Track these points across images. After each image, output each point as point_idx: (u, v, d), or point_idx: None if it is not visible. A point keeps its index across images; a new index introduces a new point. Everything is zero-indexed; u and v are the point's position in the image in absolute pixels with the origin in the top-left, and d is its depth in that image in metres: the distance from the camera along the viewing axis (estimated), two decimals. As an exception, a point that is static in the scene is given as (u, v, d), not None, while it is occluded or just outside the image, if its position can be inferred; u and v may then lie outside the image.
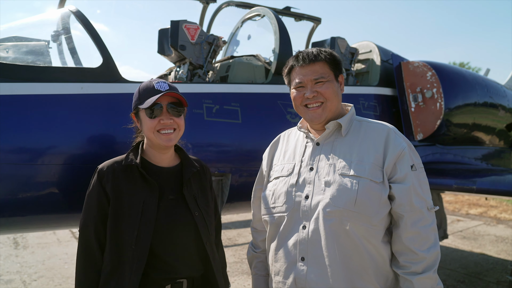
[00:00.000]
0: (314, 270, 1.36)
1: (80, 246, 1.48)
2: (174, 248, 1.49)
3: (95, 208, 1.47)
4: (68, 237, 6.27)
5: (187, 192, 1.55)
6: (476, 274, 4.73)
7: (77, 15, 2.37)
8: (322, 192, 1.40)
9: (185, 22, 2.91)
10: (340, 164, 1.42)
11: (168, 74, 3.43)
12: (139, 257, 1.41)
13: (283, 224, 1.47)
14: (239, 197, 2.79)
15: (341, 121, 1.49)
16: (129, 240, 1.42)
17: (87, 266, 1.45)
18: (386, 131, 1.46)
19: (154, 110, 1.49)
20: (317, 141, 1.51)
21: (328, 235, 1.35)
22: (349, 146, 1.46)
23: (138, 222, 1.43)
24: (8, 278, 4.43)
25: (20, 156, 1.96)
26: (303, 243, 1.39)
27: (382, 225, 1.40)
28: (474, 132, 4.39)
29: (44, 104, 2.03)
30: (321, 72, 1.49)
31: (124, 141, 2.22)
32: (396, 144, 1.42)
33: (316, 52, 1.51)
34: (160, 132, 1.50)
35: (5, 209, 2.04)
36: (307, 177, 1.46)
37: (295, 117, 2.81)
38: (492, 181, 3.65)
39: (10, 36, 2.43)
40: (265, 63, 3.23)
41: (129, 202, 1.46)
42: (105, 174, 1.49)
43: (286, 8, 4.08)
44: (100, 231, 1.46)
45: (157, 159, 1.58)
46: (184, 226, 1.51)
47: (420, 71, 3.79)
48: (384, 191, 1.38)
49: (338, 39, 3.77)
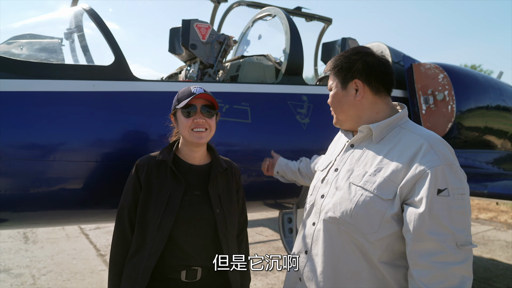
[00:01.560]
0: (310, 266, 1.41)
1: (116, 225, 1.70)
2: (192, 239, 1.63)
3: (130, 194, 1.68)
4: (76, 233, 6.34)
5: (212, 190, 1.70)
6: (485, 280, 4.66)
7: (90, 13, 2.39)
8: (332, 195, 1.39)
9: (196, 21, 2.92)
10: (356, 172, 1.35)
11: (179, 73, 3.45)
12: (158, 242, 1.58)
13: (304, 215, 1.55)
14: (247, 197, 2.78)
15: (373, 126, 1.37)
16: (152, 226, 1.60)
17: (120, 242, 1.68)
18: (419, 144, 1.26)
19: (190, 111, 1.68)
20: (352, 142, 1.46)
21: (325, 238, 1.37)
22: (375, 155, 1.35)
23: (162, 212, 1.60)
24: (18, 272, 4.49)
25: (31, 152, 1.99)
26: (309, 238, 1.44)
27: (382, 246, 1.26)
28: (486, 135, 4.32)
29: (56, 101, 2.06)
30: (330, 80, 1.52)
31: (135, 138, 2.24)
32: (425, 161, 1.21)
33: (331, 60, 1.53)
34: (193, 130, 1.67)
35: (16, 204, 2.07)
36: (330, 177, 1.46)
37: (305, 117, 2.81)
38: (504, 185, 3.59)
39: (24, 34, 2.47)
40: (275, 63, 3.22)
41: (157, 193, 1.64)
42: (141, 167, 1.70)
43: (297, 8, 4.07)
44: (133, 214, 1.67)
45: (189, 157, 1.75)
46: (204, 220, 1.66)
47: (431, 73, 3.74)
48: (390, 209, 1.24)
49: (349, 40, 3.75)
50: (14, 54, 2.22)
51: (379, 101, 1.43)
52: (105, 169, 2.17)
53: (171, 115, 1.79)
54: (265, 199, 3.06)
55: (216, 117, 1.75)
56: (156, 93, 2.38)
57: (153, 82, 2.46)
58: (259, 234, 6.54)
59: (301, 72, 3.00)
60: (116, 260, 1.67)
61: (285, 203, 3.09)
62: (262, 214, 7.36)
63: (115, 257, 1.68)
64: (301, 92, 2.88)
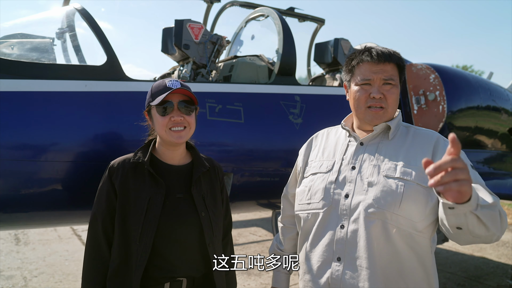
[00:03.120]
0: (350, 271, 1.32)
1: (89, 238, 1.53)
2: (176, 247, 1.50)
3: (104, 202, 1.52)
4: (69, 234, 6.28)
5: (196, 192, 1.56)
6: (476, 278, 4.72)
7: (82, 12, 2.38)
8: (365, 192, 1.34)
9: (189, 21, 2.92)
10: (385, 166, 1.36)
11: (172, 73, 3.44)
12: (142, 253, 1.44)
13: (318, 222, 1.42)
14: (240, 197, 2.80)
15: (391, 123, 1.43)
16: (134, 236, 1.45)
17: (94, 257, 1.50)
18: (436, 137, 1.41)
19: (166, 108, 1.52)
20: (362, 140, 1.46)
21: (368, 237, 1.30)
22: (395, 150, 1.40)
23: (142, 219, 1.46)
24: (9, 274, 4.44)
25: (22, 152, 1.97)
26: (340, 243, 1.34)
27: (429, 233, 1.33)
28: (476, 135, 4.38)
29: (48, 101, 2.04)
30: (391, 73, 1.41)
31: (127, 139, 2.23)
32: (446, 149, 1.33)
33: (389, 52, 1.43)
34: (171, 129, 1.52)
35: (7, 205, 2.05)
36: (348, 175, 1.41)
37: (298, 117, 2.82)
38: (494, 185, 3.64)
39: (15, 33, 2.45)
40: (268, 63, 3.23)
41: (135, 198, 1.49)
42: (115, 170, 1.53)
43: (290, 8, 4.08)
44: (108, 225, 1.51)
45: (168, 157, 1.60)
46: (188, 225, 1.52)
47: (423, 73, 3.78)
48: (431, 197, 1.28)
49: (342, 41, 3.77)
50: (5, 54, 2.20)
51: None
52: (97, 170, 2.16)
53: (145, 112, 1.63)
54: (258, 199, 3.07)
55: (195, 113, 1.60)
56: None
57: (146, 82, 2.45)
58: (252, 234, 6.55)
59: (294, 72, 3.01)
60: (91, 278, 1.49)
61: (278, 202, 3.09)
62: (255, 214, 7.36)
63: (89, 274, 1.50)
64: (294, 92, 2.90)
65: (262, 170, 2.78)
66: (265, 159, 2.77)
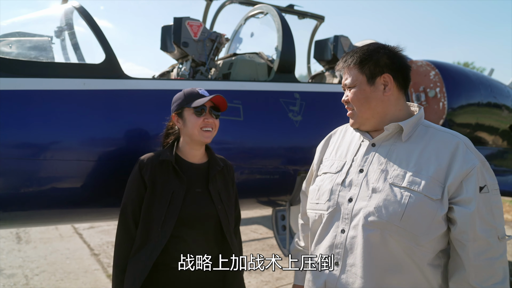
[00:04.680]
0: (345, 277, 1.29)
1: (121, 223, 1.76)
2: (194, 233, 1.73)
3: (134, 192, 1.75)
4: (70, 233, 6.30)
5: (212, 187, 1.79)
6: (477, 275, 4.71)
7: (80, 11, 2.37)
8: (368, 198, 1.28)
9: (188, 19, 2.91)
10: (393, 172, 1.28)
11: (171, 71, 3.43)
12: (162, 238, 1.67)
13: (322, 223, 1.40)
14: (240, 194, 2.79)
15: (404, 124, 1.32)
16: (156, 223, 1.68)
17: (126, 238, 1.74)
18: (455, 143, 1.27)
19: (202, 111, 1.77)
20: (373, 141, 1.38)
21: (366, 245, 1.25)
22: (408, 154, 1.30)
23: (165, 209, 1.69)
24: (11, 273, 4.46)
25: (22, 151, 1.97)
26: (339, 248, 1.32)
27: (432, 247, 1.24)
28: (477, 132, 4.37)
29: (46, 99, 2.04)
30: (350, 77, 1.40)
31: (126, 136, 2.23)
32: (467, 159, 1.23)
33: (349, 55, 1.42)
34: (202, 129, 1.77)
35: (8, 204, 2.06)
36: (355, 178, 1.35)
37: (297, 115, 2.81)
38: (495, 181, 3.63)
39: (13, 32, 2.44)
40: (267, 61, 3.22)
41: (161, 191, 1.72)
42: (145, 165, 1.76)
43: (290, 6, 4.07)
44: (137, 212, 1.74)
45: (190, 155, 1.83)
46: (206, 216, 1.76)
47: (423, 70, 3.77)
48: (441, 210, 1.21)
49: (341, 38, 3.75)
50: (3, 52, 2.20)
51: (401, 97, 1.40)
52: (96, 168, 2.16)
53: (174, 115, 1.84)
54: (258, 197, 3.06)
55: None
56: (147, 91, 2.37)
57: (144, 80, 2.44)
58: (253, 232, 6.55)
59: (293, 69, 3.00)
60: (123, 256, 1.73)
61: (278, 200, 3.10)
62: (256, 212, 7.37)
63: (121, 254, 1.74)
64: (294, 89, 2.89)
65: (261, 168, 2.78)
66: (265, 156, 2.77)
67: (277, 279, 4.41)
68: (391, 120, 1.36)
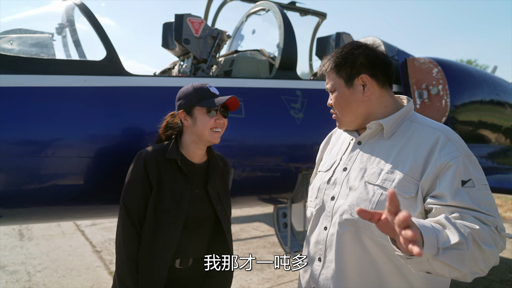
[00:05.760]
0: (326, 273, 1.33)
1: (125, 221, 1.66)
2: (190, 235, 1.71)
3: (139, 190, 1.68)
4: (72, 230, 6.32)
5: (211, 189, 1.76)
6: (479, 273, 4.70)
7: (81, 8, 2.37)
8: (345, 196, 1.31)
9: (189, 16, 2.90)
10: (370, 170, 1.28)
11: (172, 68, 3.43)
12: (171, 239, 1.64)
13: (311, 220, 1.45)
14: (242, 192, 2.79)
15: (384, 121, 1.32)
16: (165, 223, 1.65)
17: (132, 238, 1.66)
18: (435, 137, 1.24)
19: (214, 111, 1.71)
20: (359, 139, 1.39)
21: (340, 243, 1.29)
22: (388, 151, 1.29)
23: (173, 209, 1.65)
24: (13, 269, 4.48)
25: (23, 148, 1.97)
26: (321, 244, 1.36)
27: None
28: (479, 130, 4.35)
29: (47, 96, 2.04)
30: (330, 81, 1.40)
31: (127, 133, 2.23)
32: (444, 153, 1.19)
33: (326, 59, 1.42)
34: (212, 130, 1.71)
35: (10, 200, 2.06)
36: (338, 177, 1.37)
37: (299, 112, 2.80)
38: (497, 179, 3.62)
39: (14, 28, 2.44)
40: (269, 58, 3.21)
41: (168, 191, 1.67)
42: (149, 162, 1.69)
43: (291, 2, 4.05)
44: (141, 209, 1.68)
45: (192, 155, 1.78)
46: (205, 218, 1.74)
47: (426, 67, 3.75)
48: (414, 208, 1.19)
49: (344, 35, 3.74)
50: (4, 49, 2.20)
51: (385, 94, 1.39)
52: (98, 165, 2.16)
53: (182, 112, 1.74)
54: (260, 194, 3.06)
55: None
56: (148, 88, 2.37)
57: (146, 77, 2.44)
58: (255, 230, 6.56)
59: (295, 66, 2.99)
60: (132, 257, 1.65)
61: (279, 198, 3.10)
62: (258, 209, 7.37)
63: (130, 254, 1.65)
64: (295, 87, 2.88)
65: (263, 165, 2.77)
66: (266, 154, 2.76)
67: (278, 277, 4.41)
68: (377, 118, 1.35)
